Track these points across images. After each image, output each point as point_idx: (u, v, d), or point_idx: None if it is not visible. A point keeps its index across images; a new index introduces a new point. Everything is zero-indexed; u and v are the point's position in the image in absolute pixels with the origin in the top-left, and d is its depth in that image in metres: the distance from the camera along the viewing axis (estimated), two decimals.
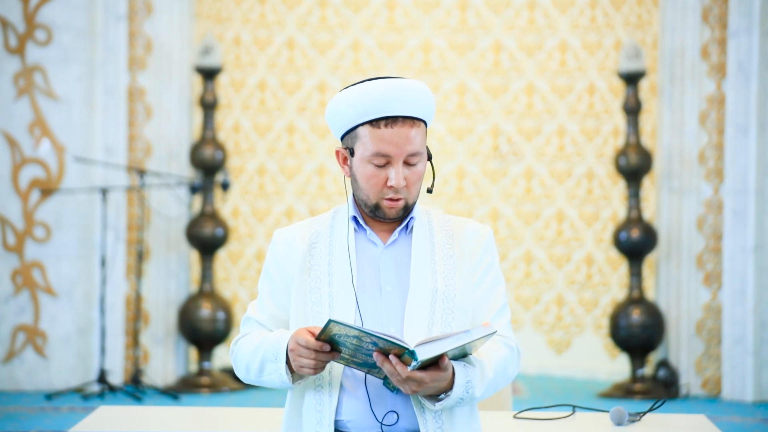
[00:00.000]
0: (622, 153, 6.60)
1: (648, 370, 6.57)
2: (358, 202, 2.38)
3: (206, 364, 6.61)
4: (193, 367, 6.77)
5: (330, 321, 2.14)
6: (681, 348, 6.53)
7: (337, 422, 2.30)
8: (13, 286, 6.47)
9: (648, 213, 6.76)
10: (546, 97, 7.46)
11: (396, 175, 2.30)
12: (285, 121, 7.48)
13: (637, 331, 6.47)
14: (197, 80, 6.81)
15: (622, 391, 6.43)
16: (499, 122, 7.54)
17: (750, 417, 5.83)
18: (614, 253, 7.02)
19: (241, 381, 4.52)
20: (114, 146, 6.50)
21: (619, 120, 7.08)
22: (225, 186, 6.62)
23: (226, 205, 7.19)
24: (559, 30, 7.39)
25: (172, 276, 6.71)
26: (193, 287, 6.79)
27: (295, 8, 7.44)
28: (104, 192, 6.28)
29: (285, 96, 7.46)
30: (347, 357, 2.21)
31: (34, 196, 6.47)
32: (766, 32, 6.29)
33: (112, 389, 6.17)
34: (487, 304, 2.36)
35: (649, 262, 6.73)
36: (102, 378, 6.19)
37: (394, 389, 2.25)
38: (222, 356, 6.88)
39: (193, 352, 6.77)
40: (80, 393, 6.21)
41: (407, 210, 2.36)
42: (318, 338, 2.19)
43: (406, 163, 2.31)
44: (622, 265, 7.02)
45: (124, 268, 6.57)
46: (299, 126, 7.49)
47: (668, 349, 6.57)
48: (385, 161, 2.30)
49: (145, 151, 6.65)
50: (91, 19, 6.45)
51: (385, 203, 2.33)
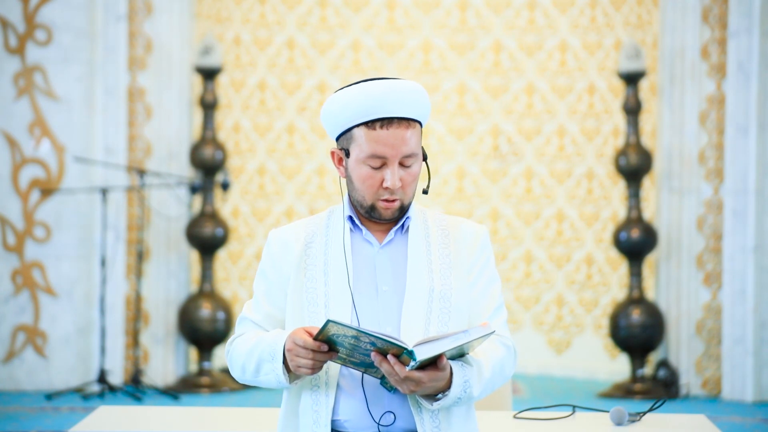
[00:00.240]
0: (622, 153, 6.60)
1: (648, 370, 6.57)
2: (353, 203, 2.38)
3: (206, 364, 6.61)
4: (193, 367, 6.77)
5: (329, 321, 2.13)
6: (681, 348, 6.52)
7: (333, 422, 2.29)
8: (13, 286, 6.47)
9: (648, 213, 6.76)
10: (546, 97, 7.45)
11: (392, 177, 2.30)
12: (285, 121, 7.47)
13: (637, 331, 6.47)
14: (197, 80, 6.81)
15: (622, 391, 6.43)
16: (499, 122, 7.54)
17: (750, 417, 5.83)
18: (614, 253, 7.02)
19: None
20: (114, 146, 6.50)
21: (619, 120, 7.08)
22: (225, 186, 6.62)
23: (226, 205, 7.19)
24: (559, 30, 7.39)
25: (172, 276, 6.71)
26: (193, 287, 6.79)
27: (295, 8, 7.44)
28: (104, 192, 6.28)
29: (285, 96, 7.46)
30: (344, 357, 2.21)
31: (34, 196, 6.47)
32: (766, 32, 6.29)
33: (112, 389, 6.17)
34: (484, 303, 2.36)
35: (649, 262, 6.73)
36: (102, 378, 6.19)
37: (391, 389, 2.25)
38: (222, 356, 6.88)
39: (193, 352, 6.77)
40: (80, 393, 6.21)
41: (403, 211, 2.36)
42: (316, 338, 2.19)
43: (402, 164, 2.31)
44: (622, 265, 7.02)
45: (124, 268, 6.57)
46: (299, 126, 7.49)
47: (668, 349, 6.57)
48: (380, 162, 2.30)
49: (145, 151, 6.65)
50: (91, 19, 6.45)
51: (380, 204, 2.33)
